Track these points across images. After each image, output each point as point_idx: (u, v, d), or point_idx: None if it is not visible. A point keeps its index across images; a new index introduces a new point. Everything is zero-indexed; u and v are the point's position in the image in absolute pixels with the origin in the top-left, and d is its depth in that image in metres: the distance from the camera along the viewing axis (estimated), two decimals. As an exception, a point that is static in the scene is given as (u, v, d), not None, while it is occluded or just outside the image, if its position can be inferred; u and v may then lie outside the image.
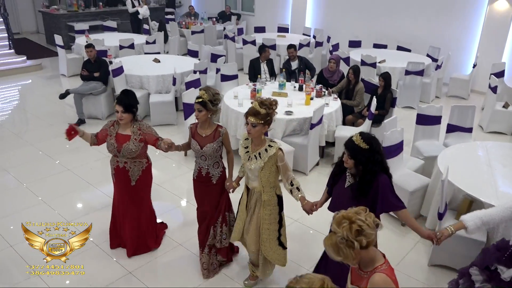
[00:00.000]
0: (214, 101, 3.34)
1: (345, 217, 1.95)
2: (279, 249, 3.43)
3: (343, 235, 1.91)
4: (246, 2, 13.43)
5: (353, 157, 2.71)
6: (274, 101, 3.15)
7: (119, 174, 3.73)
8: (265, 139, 3.19)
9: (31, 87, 9.34)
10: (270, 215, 3.30)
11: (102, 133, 3.70)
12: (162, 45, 10.21)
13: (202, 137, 3.45)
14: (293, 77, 7.02)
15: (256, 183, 3.25)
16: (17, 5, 13.67)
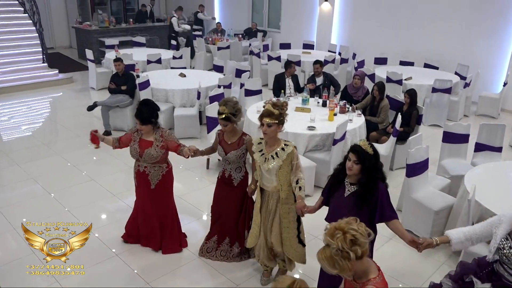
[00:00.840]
0: (236, 112, 3.53)
1: (338, 228, 1.93)
2: (299, 247, 3.55)
3: (338, 246, 1.90)
4: (273, 19, 13.58)
5: (360, 162, 2.76)
6: (284, 102, 3.38)
7: (139, 177, 3.93)
8: (280, 140, 3.36)
9: (61, 99, 9.64)
10: (289, 213, 3.42)
11: (126, 137, 3.90)
12: (189, 60, 10.41)
13: (227, 144, 3.67)
14: (317, 93, 7.00)
15: (274, 183, 3.38)
16: (52, 21, 14.25)
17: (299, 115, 6.04)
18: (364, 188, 2.79)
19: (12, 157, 6.36)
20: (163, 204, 4.06)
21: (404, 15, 10.35)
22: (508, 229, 2.65)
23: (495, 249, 2.66)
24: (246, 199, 3.85)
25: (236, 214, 3.90)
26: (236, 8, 14.34)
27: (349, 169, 2.82)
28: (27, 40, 10.55)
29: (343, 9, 11.60)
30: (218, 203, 3.97)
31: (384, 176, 2.90)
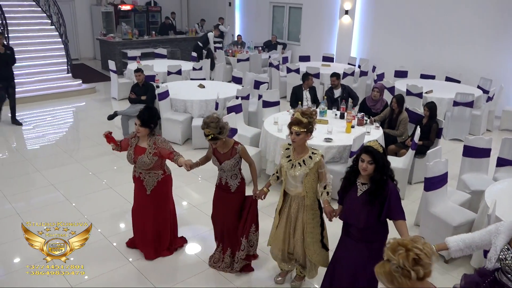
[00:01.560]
0: (220, 130, 3.54)
1: (401, 244, 1.84)
2: (322, 251, 3.59)
3: (398, 263, 1.80)
4: (292, 32, 13.66)
5: (375, 162, 2.88)
6: (314, 110, 3.43)
7: (136, 182, 4.07)
8: (308, 148, 3.43)
9: (84, 108, 9.87)
10: (313, 219, 3.49)
11: (125, 141, 4.05)
12: (208, 72, 10.53)
13: (221, 154, 3.73)
14: (335, 105, 6.98)
15: (299, 189, 3.44)
16: (78, 33, 14.67)
17: (316, 126, 5.99)
18: (376, 185, 2.90)
19: (35, 164, 6.52)
20: (158, 210, 4.12)
21: (425, 28, 10.28)
22: (507, 239, 2.65)
23: (495, 259, 2.65)
24: (248, 206, 3.86)
25: (235, 220, 3.91)
26: (256, 21, 14.49)
27: (364, 170, 2.91)
28: (53, 51, 10.89)
29: (364, 22, 11.59)
30: (217, 210, 4.01)
31: (393, 174, 3.00)
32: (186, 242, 4.52)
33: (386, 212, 2.93)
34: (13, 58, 7.89)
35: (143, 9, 15.56)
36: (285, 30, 13.81)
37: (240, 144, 3.75)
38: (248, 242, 3.92)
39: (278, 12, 13.95)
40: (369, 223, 2.98)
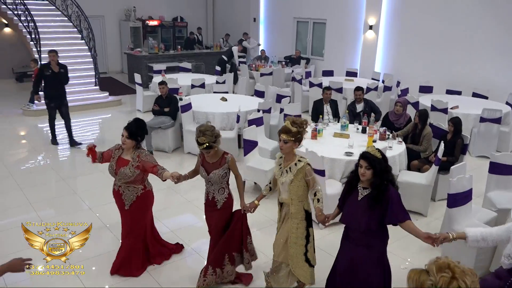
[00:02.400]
0: (215, 138, 3.54)
1: (451, 268, 1.77)
2: (305, 266, 3.55)
3: (436, 283, 1.75)
4: (316, 47, 13.70)
5: (372, 167, 2.95)
6: (305, 120, 3.46)
7: (115, 196, 3.99)
8: (296, 155, 3.47)
9: (110, 120, 10.10)
10: (297, 228, 3.49)
11: (108, 153, 3.96)
12: (231, 85, 10.64)
13: (209, 163, 3.67)
14: (358, 119, 6.91)
15: (286, 196, 3.49)
16: (107, 47, 15.11)
17: (337, 140, 5.98)
18: (377, 189, 2.97)
19: (60, 173, 6.69)
20: (135, 225, 4.02)
21: (452, 43, 10.12)
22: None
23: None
24: (237, 221, 3.78)
25: (219, 237, 3.81)
26: (280, 36, 14.61)
27: (362, 175, 3.01)
28: (82, 65, 11.23)
29: (388, 37, 11.51)
30: (210, 229, 3.92)
31: (394, 179, 3.07)
32: (183, 248, 4.53)
33: (391, 217, 2.96)
34: (66, 77, 7.70)
35: (170, 24, 15.96)
36: (308, 45, 13.87)
37: (230, 154, 3.70)
38: (249, 252, 3.89)
39: (302, 27, 14.03)
40: (369, 227, 3.01)
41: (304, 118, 3.50)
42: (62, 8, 11.95)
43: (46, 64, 7.62)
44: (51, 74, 7.46)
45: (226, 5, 16.73)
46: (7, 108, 10.37)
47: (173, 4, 16.10)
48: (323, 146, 5.75)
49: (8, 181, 6.32)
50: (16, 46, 13.03)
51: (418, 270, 1.86)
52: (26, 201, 5.68)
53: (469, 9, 9.74)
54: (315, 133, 6.01)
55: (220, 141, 3.61)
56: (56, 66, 7.45)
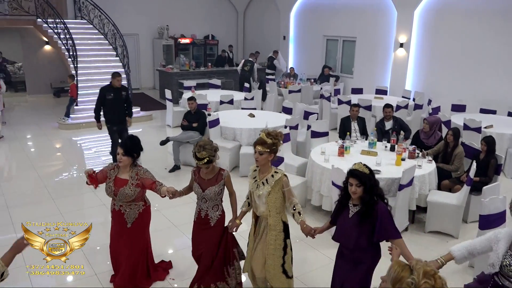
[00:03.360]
0: (214, 153, 3.53)
1: (435, 278, 1.86)
2: (282, 277, 3.54)
3: (417, 285, 1.85)
4: (346, 65, 13.66)
5: (362, 184, 2.95)
6: (279, 132, 3.47)
7: (115, 216, 3.88)
8: (271, 168, 3.49)
9: (140, 134, 10.13)
10: (275, 240, 3.49)
11: (102, 174, 3.79)
12: (260, 102, 10.71)
13: (204, 180, 3.63)
14: (386, 137, 6.79)
15: (263, 208, 3.49)
16: (140, 64, 15.57)
17: (365, 158, 5.88)
18: (366, 205, 2.98)
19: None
20: (137, 242, 3.96)
21: (485, 61, 9.88)
22: (507, 245, 2.74)
23: (499, 265, 2.74)
24: (224, 237, 3.77)
25: (214, 253, 3.76)
26: (310, 53, 14.67)
27: (353, 193, 3.00)
28: (116, 81, 11.59)
29: (419, 55, 11.36)
30: (197, 247, 3.84)
31: (383, 193, 3.11)
32: (171, 266, 4.48)
33: (380, 233, 2.95)
34: (129, 100, 7.46)
35: (201, 42, 16.32)
36: (338, 62, 13.84)
37: (226, 170, 3.69)
38: (235, 268, 3.87)
39: (332, 45, 14.05)
40: (359, 244, 3.03)
41: (279, 131, 3.53)
42: (99, 27, 12.45)
43: (107, 86, 7.17)
44: (113, 97, 7.12)
45: (257, 23, 16.99)
46: (45, 121, 10.80)
47: (205, 23, 16.49)
48: (350, 163, 5.57)
49: (42, 192, 6.54)
50: (55, 62, 13.62)
51: (402, 264, 1.96)
52: (57, 211, 5.85)
53: (505, 26, 9.50)
54: (342, 150, 5.96)
55: (218, 155, 3.60)
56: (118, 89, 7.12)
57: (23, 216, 5.65)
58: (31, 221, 5.43)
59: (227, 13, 17.17)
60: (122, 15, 13.83)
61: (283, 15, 15.32)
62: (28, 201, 6.21)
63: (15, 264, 4.04)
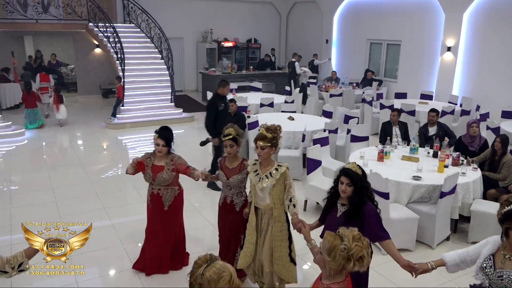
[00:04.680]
0: (240, 136, 3.83)
1: (361, 240, 2.12)
2: (291, 266, 3.70)
3: (350, 247, 2.07)
4: (390, 69, 13.36)
5: (353, 184, 2.96)
6: (278, 126, 3.61)
7: (154, 200, 4.22)
8: (273, 161, 3.62)
9: (182, 135, 10.59)
10: (281, 231, 3.64)
11: (141, 163, 4.16)
12: (300, 105, 10.69)
13: (229, 169, 3.87)
14: (429, 143, 6.60)
15: (267, 201, 3.62)
16: (184, 67, 15.96)
17: (405, 164, 5.75)
18: (354, 206, 2.98)
19: (133, 182, 7.11)
20: (174, 224, 4.32)
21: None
22: (492, 249, 2.69)
23: (478, 267, 2.70)
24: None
25: (236, 235, 4.03)
26: (352, 57, 14.47)
27: (343, 192, 3.01)
28: (160, 83, 11.97)
29: (468, 59, 10.92)
30: (224, 231, 4.10)
31: (373, 195, 3.10)
32: (188, 255, 4.68)
33: (366, 234, 2.82)
34: (244, 123, 7.32)
35: (244, 45, 16.51)
36: (382, 66, 13.57)
37: (248, 160, 3.90)
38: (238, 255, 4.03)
39: (375, 48, 13.80)
40: None
41: (278, 124, 3.65)
42: (146, 31, 12.89)
43: (216, 96, 6.66)
44: (224, 107, 6.74)
45: (299, 27, 16.97)
46: (93, 120, 11.32)
47: (248, 27, 16.67)
48: (389, 168, 5.56)
49: (88, 188, 6.85)
50: (104, 65, 14.24)
51: (333, 234, 2.16)
52: (101, 206, 6.11)
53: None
54: (381, 155, 5.84)
55: (241, 143, 3.86)
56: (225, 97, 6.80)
57: (70, 210, 5.97)
58: (77, 215, 5.80)
59: (270, 17, 17.28)
60: (168, 19, 14.26)
61: (326, 18, 15.22)
62: (75, 196, 6.53)
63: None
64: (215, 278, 1.76)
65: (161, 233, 4.29)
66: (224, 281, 1.76)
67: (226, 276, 1.77)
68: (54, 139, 10.14)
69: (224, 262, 1.84)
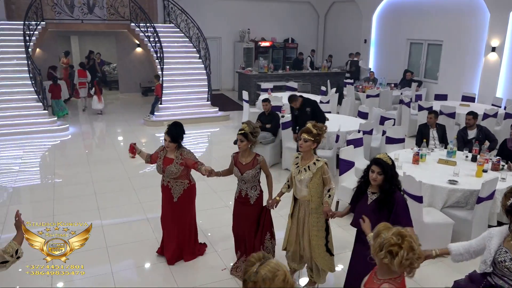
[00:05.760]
0: (254, 133, 3.94)
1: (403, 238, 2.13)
2: (327, 255, 3.91)
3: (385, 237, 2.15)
4: (430, 70, 13.00)
5: (384, 173, 3.16)
6: (324, 126, 3.81)
7: (164, 191, 4.46)
8: (313, 155, 3.81)
9: (217, 133, 10.76)
10: (317, 222, 3.84)
11: (155, 154, 4.49)
12: (335, 105, 10.59)
13: (242, 164, 4.04)
14: (468, 146, 6.39)
15: (305, 193, 3.82)
16: (221, 66, 16.17)
17: (442, 167, 5.60)
18: (385, 194, 3.19)
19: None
20: (183, 216, 4.49)
21: None
22: (499, 241, 2.80)
23: (491, 261, 2.81)
24: (263, 215, 4.16)
25: (254, 229, 4.19)
26: (391, 57, 14.18)
27: (374, 180, 3.21)
28: (198, 81, 12.22)
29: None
30: (238, 222, 4.29)
31: (400, 184, 3.29)
32: (206, 246, 4.94)
33: (393, 218, 3.11)
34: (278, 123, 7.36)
35: (281, 45, 16.52)
36: (422, 67, 13.22)
37: (261, 156, 4.07)
38: (265, 249, 4.18)
39: (415, 48, 13.46)
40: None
41: (325, 125, 3.90)
42: (185, 30, 13.16)
43: (291, 108, 7.10)
44: (298, 114, 7.11)
45: (337, 26, 16.80)
46: (132, 117, 11.69)
47: (285, 26, 16.67)
48: (425, 171, 5.44)
49: (126, 183, 7.10)
50: (144, 64, 14.66)
51: (388, 224, 2.26)
52: (137, 201, 6.33)
53: None
54: (417, 157, 5.72)
55: (256, 141, 3.99)
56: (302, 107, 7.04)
57: (108, 203, 6.23)
58: (115, 208, 6.04)
59: (308, 16, 17.20)
60: (206, 19, 14.50)
61: (365, 18, 14.99)
62: (113, 190, 6.79)
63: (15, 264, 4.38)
64: (270, 276, 1.77)
65: (170, 224, 4.52)
66: (278, 280, 1.77)
67: (281, 275, 1.78)
68: (96, 134, 10.56)
69: (278, 261, 1.86)
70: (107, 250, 4.94)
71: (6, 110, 10.08)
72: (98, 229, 5.45)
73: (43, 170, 8.00)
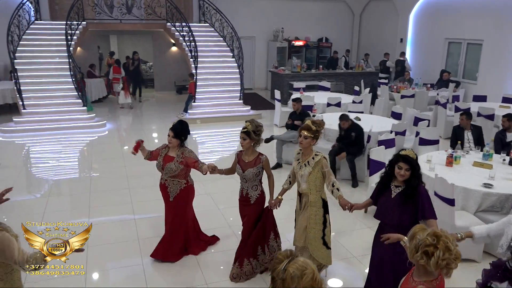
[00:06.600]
0: (257, 131, 3.99)
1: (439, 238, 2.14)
2: (323, 248, 4.01)
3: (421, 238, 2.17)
4: (469, 70, 12.59)
5: (412, 168, 3.26)
6: (322, 121, 3.95)
7: (161, 189, 4.52)
8: (312, 151, 3.93)
9: (248, 132, 10.82)
10: (315, 215, 3.96)
11: (156, 151, 4.52)
12: (368, 105, 10.45)
13: (245, 162, 4.08)
14: (506, 149, 6.17)
15: (305, 186, 3.94)
16: (255, 65, 16.25)
17: (477, 170, 5.44)
18: (412, 187, 3.27)
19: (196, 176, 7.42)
20: (181, 216, 4.52)
21: None
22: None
23: (507, 246, 2.96)
24: (265, 216, 4.17)
25: (250, 229, 4.20)
26: (428, 57, 13.83)
27: (402, 176, 3.28)
28: (231, 80, 12.34)
29: (560, 60, 9.98)
30: (243, 222, 4.30)
31: (421, 176, 3.37)
32: (218, 239, 5.02)
33: (421, 214, 3.24)
34: (358, 142, 6.98)
35: (314, 44, 16.43)
36: (460, 67, 12.81)
37: (264, 155, 4.11)
38: (269, 248, 4.25)
39: (454, 48, 13.06)
40: (401, 222, 3.29)
41: (322, 119, 4.01)
42: (219, 30, 13.33)
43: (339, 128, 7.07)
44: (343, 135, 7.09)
45: (373, 25, 16.53)
46: (167, 115, 11.95)
47: (319, 25, 16.55)
48: (458, 174, 5.30)
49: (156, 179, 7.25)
50: (179, 62, 14.95)
51: (424, 226, 2.31)
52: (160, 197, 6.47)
53: None
54: (450, 159, 5.58)
55: (259, 140, 4.04)
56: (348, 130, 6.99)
57: (141, 197, 6.43)
58: (147, 202, 6.21)
59: (342, 15, 17.01)
60: (241, 19, 14.59)
61: (401, 16, 14.68)
62: (146, 185, 6.97)
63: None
64: (298, 274, 1.78)
65: (168, 222, 4.60)
66: (307, 278, 1.78)
67: (309, 273, 1.79)
68: (131, 131, 10.88)
69: (305, 259, 1.87)
70: (138, 242, 5.10)
71: (49, 106, 10.55)
72: (130, 222, 5.65)
73: (81, 164, 8.34)
